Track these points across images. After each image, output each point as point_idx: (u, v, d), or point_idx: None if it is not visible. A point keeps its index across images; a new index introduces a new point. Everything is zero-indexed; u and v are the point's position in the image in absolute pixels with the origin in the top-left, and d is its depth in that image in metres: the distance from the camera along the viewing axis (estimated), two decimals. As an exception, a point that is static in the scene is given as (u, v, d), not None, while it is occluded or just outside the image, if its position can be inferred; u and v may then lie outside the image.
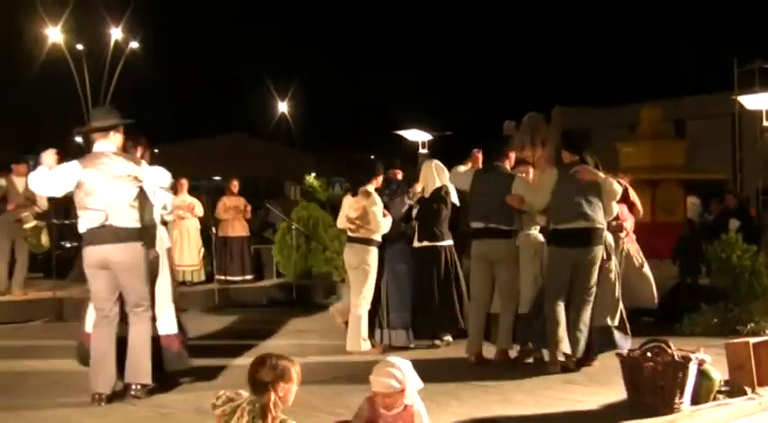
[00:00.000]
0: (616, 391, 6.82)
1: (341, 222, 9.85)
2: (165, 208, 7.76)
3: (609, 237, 8.60)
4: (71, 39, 35.09)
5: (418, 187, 9.86)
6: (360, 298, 9.36)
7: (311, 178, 17.62)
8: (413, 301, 9.71)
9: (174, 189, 15.87)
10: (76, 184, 7.01)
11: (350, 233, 9.52)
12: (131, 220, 7.05)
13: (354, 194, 9.51)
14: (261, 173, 27.17)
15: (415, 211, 9.83)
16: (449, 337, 9.70)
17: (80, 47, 35.62)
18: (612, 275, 8.51)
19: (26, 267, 13.47)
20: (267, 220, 17.78)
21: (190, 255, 15.17)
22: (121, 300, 7.15)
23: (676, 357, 6.37)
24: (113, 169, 7.03)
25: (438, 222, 9.70)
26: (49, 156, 7.00)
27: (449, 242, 9.80)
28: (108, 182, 6.99)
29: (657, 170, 20.35)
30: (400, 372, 4.74)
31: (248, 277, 15.93)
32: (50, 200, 14.34)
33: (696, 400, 6.50)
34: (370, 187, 9.46)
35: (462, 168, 9.51)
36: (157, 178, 7.51)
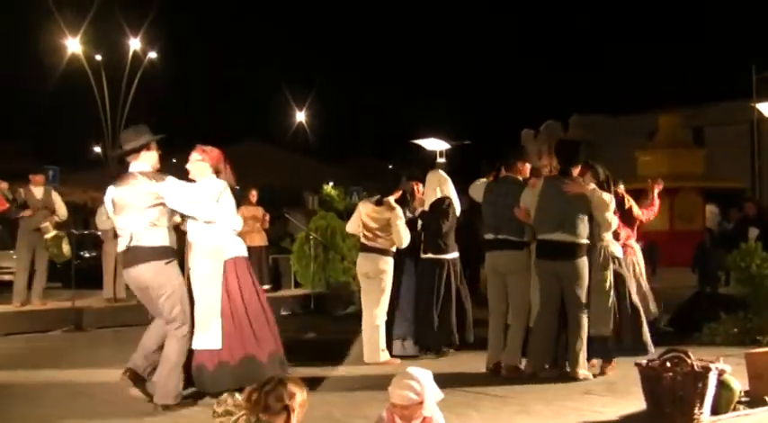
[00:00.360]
0: (635, 402, 6.79)
1: (353, 227, 9.80)
2: (211, 221, 7.37)
3: (612, 247, 8.46)
4: (90, 49, 35.26)
5: (422, 200, 9.85)
6: (377, 308, 9.35)
7: (329, 187, 17.61)
8: (415, 312, 9.74)
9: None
10: (113, 209, 7.24)
11: (366, 242, 9.48)
12: (155, 239, 7.07)
13: (379, 204, 9.48)
14: (278, 182, 27.25)
15: (418, 225, 9.84)
16: (445, 349, 9.74)
17: (99, 57, 35.76)
18: (606, 285, 8.26)
19: (45, 277, 13.52)
20: (286, 231, 17.80)
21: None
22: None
23: (696, 367, 6.33)
24: (136, 190, 7.11)
25: (441, 235, 9.66)
26: None
27: (453, 255, 9.79)
28: (131, 203, 7.10)
29: (676, 178, 20.29)
30: (419, 384, 4.72)
31: (266, 287, 15.89)
32: (69, 210, 14.46)
33: (716, 410, 6.45)
34: (392, 199, 9.47)
35: (483, 181, 9.44)
36: (171, 202, 7.22)
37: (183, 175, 7.56)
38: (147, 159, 7.31)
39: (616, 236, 8.91)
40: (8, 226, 13.51)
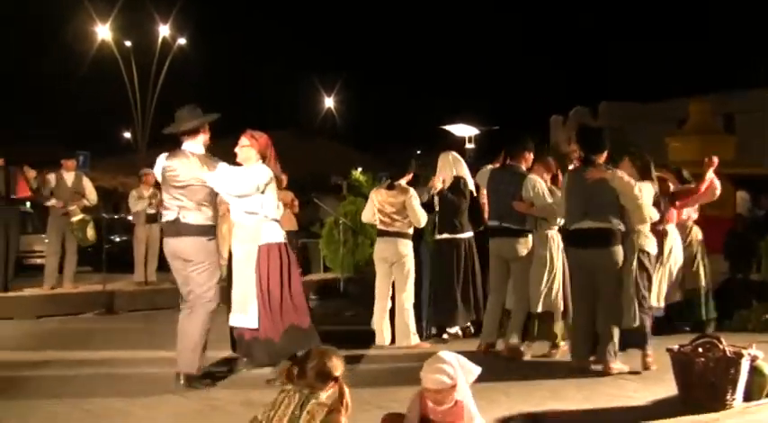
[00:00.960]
0: (667, 387, 6.76)
1: (368, 215, 9.81)
2: (263, 207, 7.57)
3: (643, 240, 8.08)
4: (119, 36, 35.44)
5: (437, 182, 9.83)
6: (404, 292, 9.39)
7: (357, 173, 17.59)
8: (435, 293, 9.86)
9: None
10: (161, 178, 7.61)
11: (383, 227, 9.52)
12: (201, 217, 7.39)
13: (390, 188, 9.51)
14: (307, 168, 27.34)
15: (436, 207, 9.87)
16: (457, 330, 9.85)
17: (128, 44, 35.94)
18: (632, 279, 7.97)
19: (76, 261, 13.62)
20: (317, 216, 17.82)
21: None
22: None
23: (728, 353, 6.30)
24: (185, 171, 7.40)
25: (457, 214, 9.76)
26: None
27: (468, 234, 9.86)
28: (181, 181, 7.41)
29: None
30: (451, 367, 4.72)
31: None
32: (99, 195, 14.55)
33: (748, 396, 6.42)
34: (403, 182, 9.52)
35: (489, 168, 9.50)
36: (218, 185, 7.46)
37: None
38: (200, 140, 7.58)
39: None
40: (39, 210, 13.59)
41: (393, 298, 9.56)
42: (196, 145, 7.55)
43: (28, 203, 17.56)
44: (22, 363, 8.61)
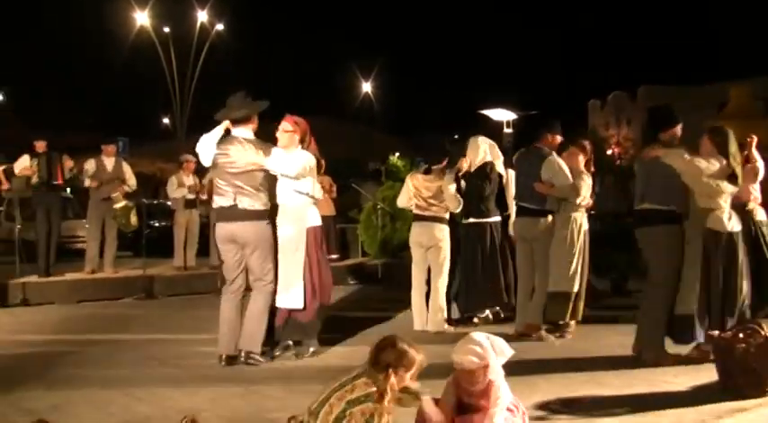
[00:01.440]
0: (707, 374, 6.68)
1: (403, 200, 9.81)
2: (310, 194, 7.90)
3: (712, 221, 7.56)
4: (158, 22, 35.59)
5: (464, 164, 9.80)
6: (441, 277, 9.40)
7: (395, 158, 17.60)
8: (463, 277, 9.90)
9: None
10: (212, 163, 7.76)
11: (419, 211, 9.51)
12: (257, 202, 7.62)
13: (427, 172, 9.53)
14: (345, 153, 27.37)
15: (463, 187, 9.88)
16: (488, 314, 9.88)
17: (167, 30, 36.09)
18: (696, 260, 7.54)
19: (116, 245, 13.74)
20: (357, 201, 17.87)
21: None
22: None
23: (770, 339, 6.24)
24: (242, 156, 7.61)
25: (482, 199, 9.75)
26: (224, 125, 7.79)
27: (495, 218, 9.85)
28: (235, 167, 7.61)
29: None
30: (481, 347, 4.71)
31: (334, 256, 15.99)
32: (139, 180, 14.65)
33: (790, 382, 6.35)
34: (439, 167, 9.54)
35: (521, 151, 9.50)
36: (275, 167, 7.70)
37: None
38: (251, 127, 7.82)
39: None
40: (79, 196, 13.70)
41: (428, 282, 9.57)
42: (247, 131, 7.78)
43: (68, 189, 17.71)
44: (63, 347, 8.70)
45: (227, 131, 7.78)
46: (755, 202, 9.78)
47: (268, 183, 7.76)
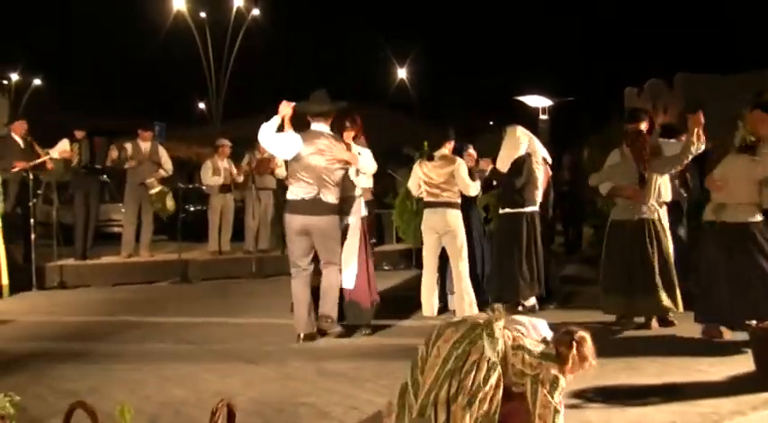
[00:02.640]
0: (744, 364, 6.62)
1: (414, 188, 9.92)
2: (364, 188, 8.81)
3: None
4: (194, 7, 35.64)
5: (487, 167, 9.80)
6: (461, 262, 9.40)
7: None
8: (497, 266, 9.92)
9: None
10: (295, 157, 8.00)
11: (431, 198, 9.53)
12: (335, 196, 8.09)
13: (430, 159, 9.53)
14: (380, 140, 27.30)
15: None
16: (532, 302, 9.80)
17: (203, 15, 36.15)
18: None
19: (152, 229, 13.83)
20: (393, 187, 17.84)
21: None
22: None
23: (809, 329, 6.16)
24: (335, 153, 8.05)
25: (515, 190, 9.70)
26: (286, 107, 8.06)
27: (530, 208, 9.78)
28: (324, 162, 7.99)
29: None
30: (524, 327, 4.72)
31: (371, 242, 15.97)
32: (175, 165, 14.70)
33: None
34: (446, 151, 9.55)
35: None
36: (363, 166, 8.48)
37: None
38: (329, 123, 8.22)
39: None
40: (116, 180, 13.79)
41: (439, 269, 9.71)
42: (327, 127, 8.18)
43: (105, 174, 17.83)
44: (99, 329, 8.80)
45: (307, 125, 8.18)
46: None
47: (345, 178, 8.28)
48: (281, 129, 8.03)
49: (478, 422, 4.20)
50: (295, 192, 8.04)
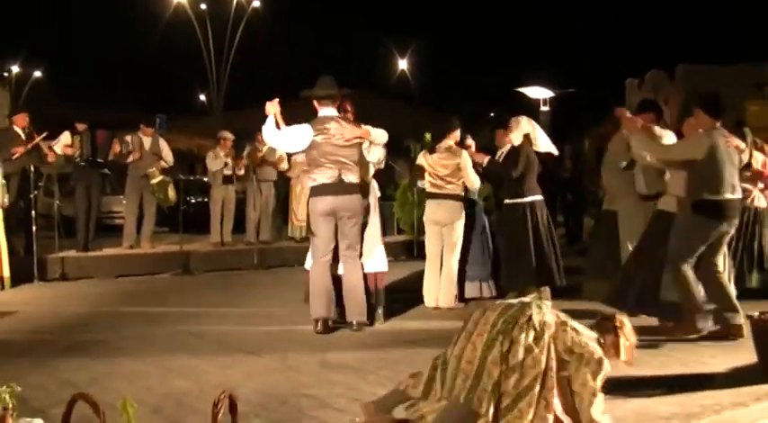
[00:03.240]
0: (745, 355, 6.60)
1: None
2: (379, 162, 8.61)
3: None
4: (194, -1, 35.60)
5: (484, 160, 9.76)
6: (453, 255, 9.46)
7: (430, 136, 17.54)
8: (496, 255, 10.04)
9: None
10: (310, 145, 8.02)
11: (435, 190, 9.52)
12: (357, 176, 8.09)
13: (432, 151, 9.53)
14: (384, 129, 27.22)
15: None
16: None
17: (203, 6, 36.12)
18: None
19: (153, 221, 13.82)
20: (394, 179, 17.84)
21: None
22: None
23: (810, 320, 6.15)
24: (345, 132, 8.02)
25: (513, 180, 9.60)
26: (272, 106, 7.98)
27: (531, 198, 9.66)
28: (339, 144, 8.01)
29: (786, 129, 19.68)
30: None
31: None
32: (176, 156, 14.68)
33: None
34: (451, 142, 9.53)
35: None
36: (376, 137, 8.26)
37: (288, 122, 8.01)
38: (336, 107, 8.24)
39: None
40: (118, 172, 13.80)
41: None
42: (332, 111, 8.18)
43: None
44: (101, 321, 8.82)
45: (315, 114, 8.16)
46: None
47: (361, 157, 8.20)
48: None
49: (527, 384, 4.27)
50: (317, 178, 8.05)
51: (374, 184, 8.71)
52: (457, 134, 9.62)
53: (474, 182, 9.52)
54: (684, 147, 7.80)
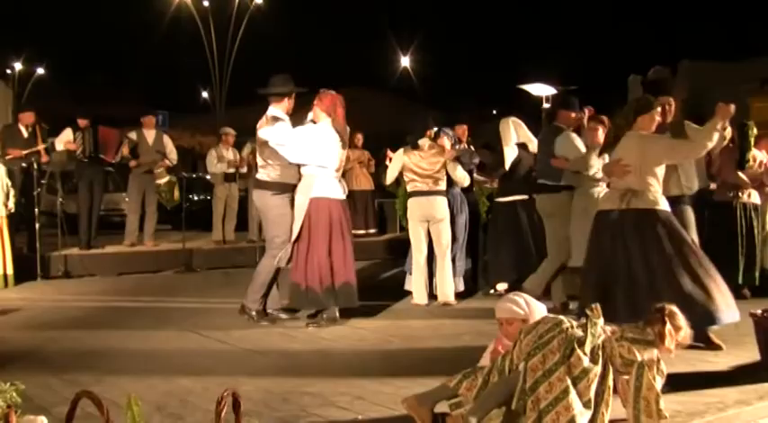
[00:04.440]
0: (748, 353, 6.60)
1: (392, 177, 10.05)
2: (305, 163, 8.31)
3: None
4: (197, -4, 35.60)
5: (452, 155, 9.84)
6: (446, 249, 9.51)
7: (433, 134, 17.52)
8: (489, 253, 10.26)
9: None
10: (263, 141, 8.28)
11: (421, 187, 9.50)
12: (266, 173, 8.30)
13: (415, 147, 9.54)
14: (384, 127, 27.29)
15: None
16: (503, 286, 9.93)
17: (206, 3, 36.11)
18: None
19: (156, 218, 13.82)
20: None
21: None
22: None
23: (815, 317, 6.13)
24: (262, 131, 8.21)
25: (506, 178, 9.97)
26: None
27: (513, 197, 9.97)
28: (257, 141, 8.37)
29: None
30: (524, 301, 4.97)
31: (372, 231, 15.99)
32: (179, 154, 14.67)
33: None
34: (429, 141, 9.61)
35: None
36: (266, 133, 8.22)
37: (290, 119, 8.11)
38: (283, 106, 8.34)
39: None
40: (120, 169, 13.81)
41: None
42: (277, 109, 8.29)
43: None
44: (104, 319, 8.84)
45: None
46: None
47: (277, 156, 8.19)
48: None
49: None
50: (267, 173, 8.38)
51: (315, 184, 8.17)
52: (431, 134, 9.76)
53: (462, 179, 9.67)
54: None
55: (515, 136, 9.87)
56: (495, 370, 4.51)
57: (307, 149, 8.11)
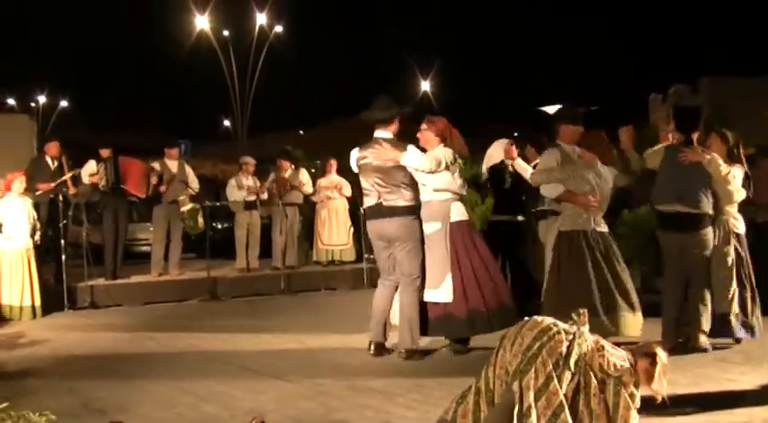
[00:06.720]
0: (774, 371, 6.60)
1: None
2: (449, 186, 8.02)
3: (734, 222, 7.92)
4: (217, 25, 35.82)
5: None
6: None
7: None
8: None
9: (324, 170, 15.96)
10: (357, 168, 8.12)
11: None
12: (398, 198, 7.84)
13: None
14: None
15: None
16: None
17: (226, 33, 36.31)
18: (728, 261, 7.81)
19: (181, 247, 13.86)
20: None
21: (339, 234, 15.18)
22: None
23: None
24: (380, 155, 7.79)
25: (501, 197, 10.29)
26: None
27: (499, 217, 10.29)
28: (374, 165, 7.88)
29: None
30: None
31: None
32: (201, 182, 14.74)
33: None
34: None
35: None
36: (407, 161, 7.78)
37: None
38: (392, 129, 8.02)
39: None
40: (144, 199, 13.89)
41: None
42: (387, 133, 7.97)
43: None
44: (130, 347, 8.89)
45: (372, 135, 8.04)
46: None
47: (410, 180, 7.91)
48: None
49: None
50: (365, 202, 8.11)
51: (450, 209, 8.03)
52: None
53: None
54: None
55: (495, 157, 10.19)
56: (482, 382, 4.50)
57: (448, 174, 7.97)
